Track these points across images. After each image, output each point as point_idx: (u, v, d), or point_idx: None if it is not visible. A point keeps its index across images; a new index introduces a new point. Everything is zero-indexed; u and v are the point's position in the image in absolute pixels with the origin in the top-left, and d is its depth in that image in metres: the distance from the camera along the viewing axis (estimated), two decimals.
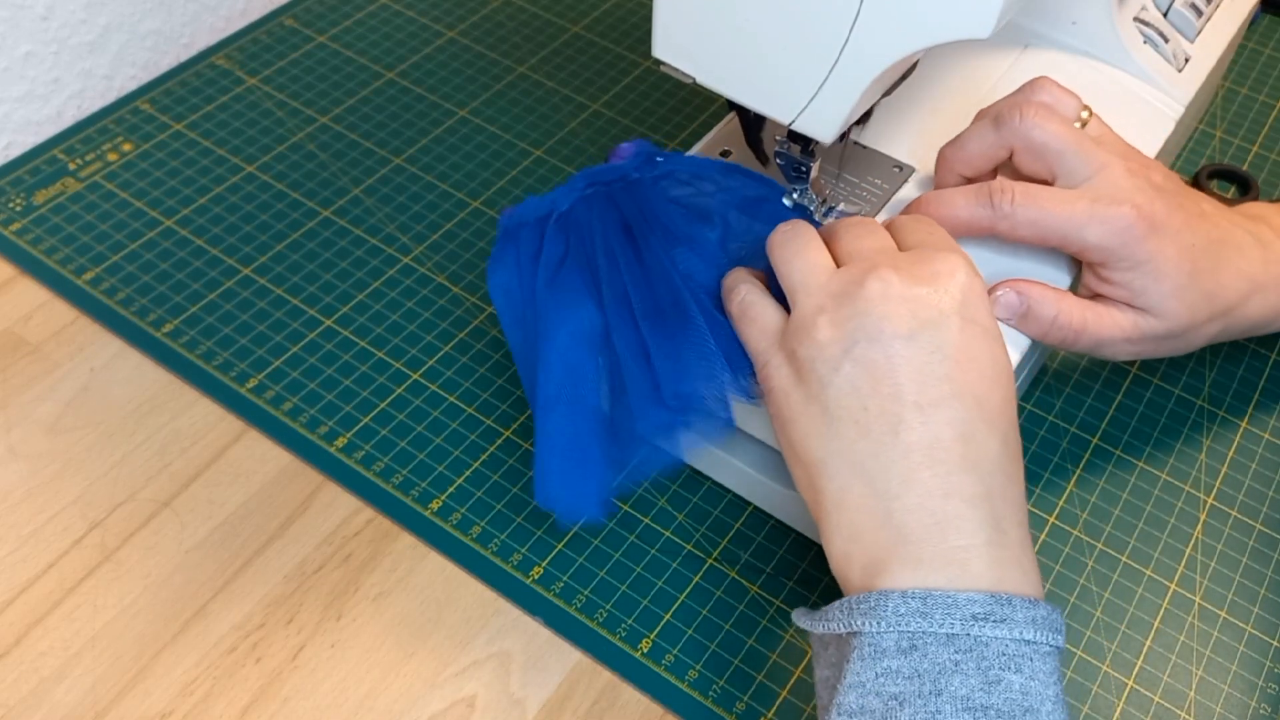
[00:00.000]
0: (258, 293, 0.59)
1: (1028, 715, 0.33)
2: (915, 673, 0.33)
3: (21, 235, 0.61)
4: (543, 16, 0.76)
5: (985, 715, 0.32)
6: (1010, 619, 0.34)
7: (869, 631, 0.34)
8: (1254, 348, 0.59)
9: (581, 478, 0.46)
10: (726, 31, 0.41)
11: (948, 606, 0.34)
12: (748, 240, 0.46)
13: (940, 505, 0.35)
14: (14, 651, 0.46)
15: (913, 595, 0.34)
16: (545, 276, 0.46)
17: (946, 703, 0.33)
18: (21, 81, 0.65)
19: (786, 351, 0.39)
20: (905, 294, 0.37)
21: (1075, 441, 0.55)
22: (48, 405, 0.54)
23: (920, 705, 0.33)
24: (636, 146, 0.47)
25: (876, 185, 0.51)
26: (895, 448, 0.36)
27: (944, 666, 0.33)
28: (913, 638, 0.34)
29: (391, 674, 0.46)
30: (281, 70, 0.71)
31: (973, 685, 0.33)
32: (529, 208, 0.47)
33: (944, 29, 0.37)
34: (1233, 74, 0.75)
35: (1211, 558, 0.51)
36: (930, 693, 0.33)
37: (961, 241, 0.44)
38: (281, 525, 0.51)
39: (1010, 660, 0.33)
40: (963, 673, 0.33)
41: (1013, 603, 0.34)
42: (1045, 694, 0.33)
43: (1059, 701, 0.34)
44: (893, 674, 0.34)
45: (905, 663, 0.34)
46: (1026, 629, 0.34)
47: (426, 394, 0.55)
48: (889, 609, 0.34)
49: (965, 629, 0.33)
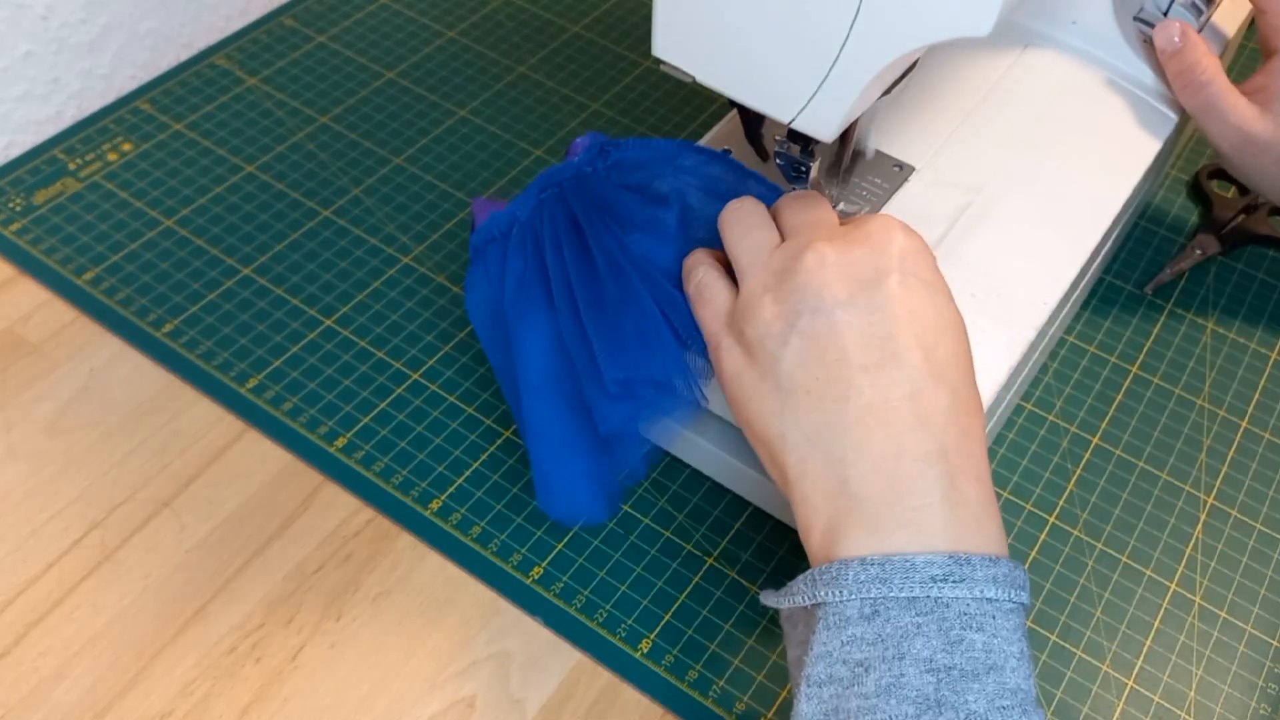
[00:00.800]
0: (258, 293, 0.59)
1: (991, 673, 0.33)
2: (878, 638, 0.33)
3: (21, 235, 0.61)
4: (543, 16, 0.76)
5: (948, 675, 0.32)
6: (970, 578, 0.34)
7: (832, 601, 0.34)
8: (1254, 347, 0.59)
9: (578, 481, 0.46)
10: (726, 31, 0.41)
11: (906, 570, 0.34)
12: (707, 219, 0.46)
13: (893, 466, 0.35)
14: (14, 651, 0.46)
15: (871, 562, 0.34)
16: (510, 292, 0.46)
17: (910, 665, 0.33)
18: (21, 81, 0.65)
19: (735, 332, 0.40)
20: (840, 260, 0.37)
21: (1075, 441, 0.55)
22: (47, 405, 0.54)
23: (884, 670, 0.33)
24: (590, 139, 0.47)
25: (877, 185, 0.51)
26: (847, 414, 0.36)
27: (906, 630, 0.33)
28: (874, 604, 0.34)
29: (391, 674, 0.46)
30: (281, 70, 0.71)
31: (935, 646, 0.33)
32: (494, 222, 0.47)
33: (943, 28, 0.37)
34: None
35: (1212, 558, 0.51)
36: (893, 656, 0.33)
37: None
38: (281, 525, 0.51)
39: (971, 619, 0.33)
40: (924, 635, 0.33)
41: (971, 562, 0.34)
42: (1009, 650, 0.33)
43: (1023, 657, 0.34)
44: (857, 641, 0.34)
45: (868, 629, 0.34)
46: (987, 587, 0.34)
47: (426, 394, 0.55)
48: (849, 577, 0.34)
49: (925, 591, 0.33)
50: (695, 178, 0.47)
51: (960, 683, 0.32)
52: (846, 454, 0.36)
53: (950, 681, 0.32)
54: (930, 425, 0.36)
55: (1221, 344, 0.59)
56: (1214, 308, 0.61)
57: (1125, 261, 0.63)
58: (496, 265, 0.47)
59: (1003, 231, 0.50)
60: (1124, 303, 0.61)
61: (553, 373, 0.45)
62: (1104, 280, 0.62)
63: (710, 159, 0.47)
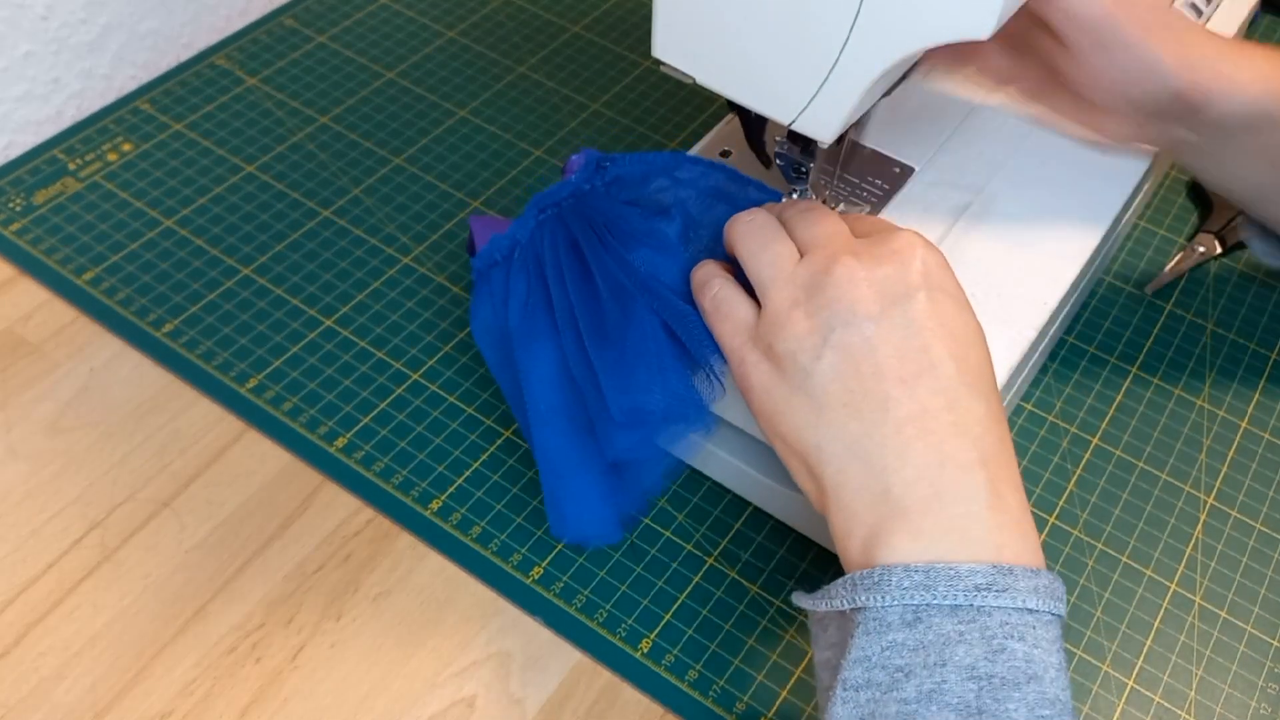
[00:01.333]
0: (258, 293, 0.59)
1: (1031, 682, 0.33)
2: (920, 645, 0.34)
3: (21, 235, 0.61)
4: (543, 16, 0.76)
5: (990, 683, 0.33)
6: (1013, 588, 0.34)
7: (873, 606, 0.34)
8: (1254, 348, 0.59)
9: (590, 506, 0.46)
10: (726, 31, 0.41)
11: (951, 578, 0.34)
12: (711, 229, 0.46)
13: (937, 474, 0.36)
14: (14, 651, 0.46)
15: (916, 569, 0.34)
16: (514, 318, 0.46)
17: (951, 672, 0.33)
18: (21, 81, 0.65)
19: (763, 347, 0.40)
20: (871, 276, 0.38)
21: (1075, 441, 0.55)
22: (48, 405, 0.54)
23: (925, 676, 0.33)
24: (584, 156, 0.47)
25: (877, 185, 0.51)
26: (886, 424, 0.36)
27: (948, 637, 0.33)
28: (917, 610, 0.34)
29: (391, 674, 0.46)
30: (281, 70, 0.71)
31: (977, 655, 0.33)
32: (496, 246, 0.47)
33: (944, 29, 0.37)
34: None
35: (1212, 558, 0.51)
36: (935, 663, 0.33)
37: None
38: (281, 525, 0.51)
39: (1013, 629, 0.34)
40: (967, 643, 0.33)
41: (1015, 572, 0.34)
42: (1049, 661, 0.34)
43: (1061, 669, 0.34)
44: (898, 647, 0.34)
45: (910, 635, 0.34)
46: (1029, 598, 0.34)
47: (426, 394, 0.55)
48: (892, 583, 0.34)
49: (969, 600, 0.34)
50: (694, 189, 0.47)
51: (1001, 691, 0.33)
52: (889, 462, 0.36)
53: (991, 690, 0.33)
54: (969, 433, 0.36)
55: (1221, 344, 0.59)
56: (1214, 308, 0.61)
57: (1125, 261, 0.63)
58: (500, 289, 0.47)
59: (1003, 231, 0.50)
60: (1124, 303, 0.61)
61: (560, 399, 0.45)
62: (1104, 280, 0.62)
63: (709, 168, 0.47)
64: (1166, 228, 0.65)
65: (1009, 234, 0.50)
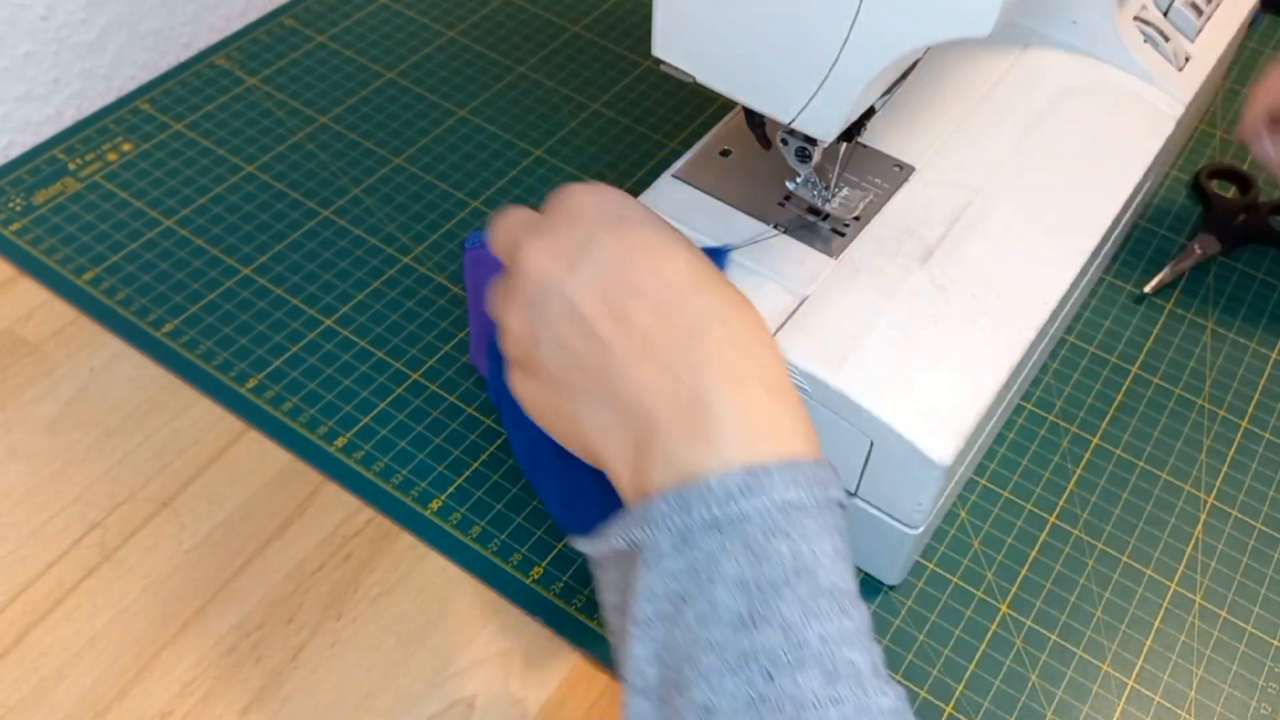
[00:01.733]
0: (258, 293, 0.59)
1: (801, 576, 0.32)
2: (691, 567, 0.33)
3: (21, 235, 0.61)
4: (543, 16, 0.76)
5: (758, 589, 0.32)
6: (765, 486, 0.33)
7: (646, 540, 0.34)
8: (1254, 347, 0.59)
9: (592, 519, 0.45)
10: (726, 31, 0.41)
11: (703, 493, 0.33)
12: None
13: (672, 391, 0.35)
14: (14, 651, 0.46)
15: (671, 493, 0.34)
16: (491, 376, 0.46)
17: (719, 588, 0.32)
18: (21, 81, 0.65)
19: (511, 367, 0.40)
20: (552, 245, 0.38)
21: (1075, 441, 0.55)
22: (47, 405, 0.54)
23: (700, 597, 0.33)
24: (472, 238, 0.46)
25: (877, 185, 0.51)
26: (614, 365, 0.36)
27: (713, 553, 0.33)
28: (682, 533, 0.33)
29: (391, 674, 0.46)
30: (281, 70, 0.71)
31: (742, 564, 0.32)
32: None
33: (944, 28, 0.37)
34: (1233, 74, 0.75)
35: (1212, 558, 0.51)
36: (706, 581, 0.33)
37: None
38: (281, 525, 0.51)
39: (775, 528, 0.33)
40: (730, 554, 0.33)
41: (767, 469, 0.33)
42: (819, 550, 0.33)
43: (837, 555, 0.33)
44: (675, 574, 0.33)
45: (681, 560, 0.33)
46: (786, 490, 0.33)
47: (426, 394, 0.55)
48: (655, 512, 0.34)
49: (724, 510, 0.33)
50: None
51: (769, 593, 0.32)
52: (629, 397, 0.35)
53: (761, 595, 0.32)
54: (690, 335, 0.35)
55: (1221, 344, 0.59)
56: (1214, 308, 0.61)
57: (1125, 261, 0.63)
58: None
59: (1003, 231, 0.50)
60: (1124, 303, 0.61)
61: (543, 452, 0.44)
62: (1104, 280, 0.62)
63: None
64: (1166, 228, 0.65)
65: (1009, 233, 0.50)
